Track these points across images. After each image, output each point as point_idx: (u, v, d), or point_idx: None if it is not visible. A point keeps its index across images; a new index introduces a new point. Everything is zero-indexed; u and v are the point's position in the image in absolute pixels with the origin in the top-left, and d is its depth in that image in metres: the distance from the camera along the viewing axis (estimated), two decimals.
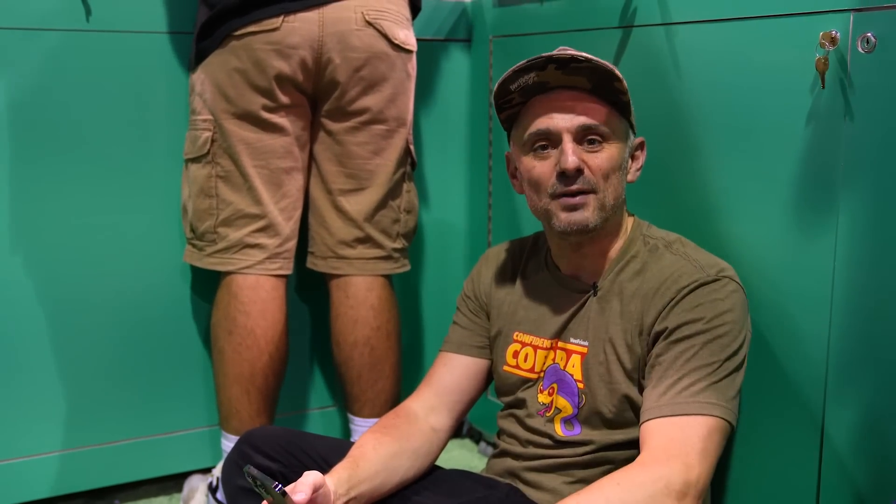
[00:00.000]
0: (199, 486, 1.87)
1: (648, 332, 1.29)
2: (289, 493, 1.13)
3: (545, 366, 1.39)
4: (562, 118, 1.29)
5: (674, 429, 1.20)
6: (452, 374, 1.47)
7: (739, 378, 1.26)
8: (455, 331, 1.50)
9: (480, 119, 2.12)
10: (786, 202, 1.37)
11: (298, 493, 1.13)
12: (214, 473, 1.79)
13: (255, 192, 1.75)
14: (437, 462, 1.46)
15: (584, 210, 1.29)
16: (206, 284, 1.90)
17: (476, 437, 2.26)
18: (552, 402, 1.37)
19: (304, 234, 1.89)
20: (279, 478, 1.32)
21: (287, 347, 1.83)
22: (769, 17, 1.37)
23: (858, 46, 1.24)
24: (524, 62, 1.28)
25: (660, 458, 1.17)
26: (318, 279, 1.94)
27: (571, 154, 1.27)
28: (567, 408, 1.35)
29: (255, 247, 1.77)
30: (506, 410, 1.45)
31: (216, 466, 1.81)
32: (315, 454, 1.38)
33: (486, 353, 1.48)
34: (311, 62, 1.71)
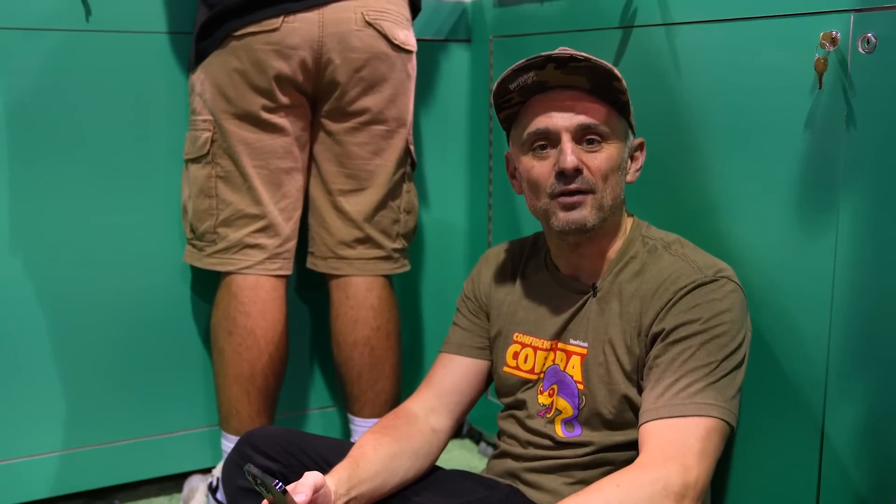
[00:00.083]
0: (199, 487, 1.87)
1: (647, 334, 1.29)
2: (290, 493, 1.13)
3: (545, 367, 1.39)
4: (561, 117, 1.29)
5: (672, 430, 1.20)
6: (452, 375, 1.47)
7: (739, 378, 1.26)
8: (455, 332, 1.50)
9: (480, 119, 2.11)
10: (786, 202, 1.37)
11: (299, 494, 1.13)
12: (214, 474, 1.79)
13: (255, 193, 1.75)
14: (438, 463, 1.46)
15: (582, 209, 1.29)
16: (206, 285, 1.90)
17: (476, 438, 2.26)
18: (552, 404, 1.37)
19: (304, 235, 1.89)
20: (279, 478, 1.32)
21: (287, 348, 1.83)
22: (770, 18, 1.37)
23: (859, 47, 1.24)
24: (523, 61, 1.28)
25: (658, 460, 1.17)
26: (318, 279, 1.94)
27: (570, 154, 1.27)
28: (567, 409, 1.35)
29: (255, 247, 1.77)
30: (506, 411, 1.45)
31: (216, 467, 1.81)
32: (315, 454, 1.38)
33: (486, 354, 1.48)
34: (311, 63, 1.71)
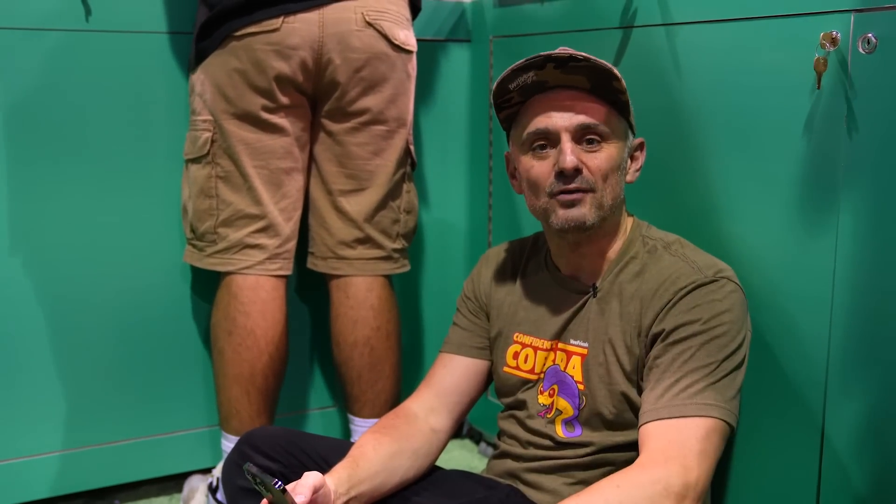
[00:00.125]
0: (200, 487, 1.87)
1: (647, 334, 1.29)
2: (290, 492, 1.13)
3: (545, 367, 1.39)
4: (560, 117, 1.29)
5: (672, 431, 1.19)
6: (452, 376, 1.47)
7: (739, 378, 1.26)
8: (455, 332, 1.50)
9: (480, 119, 2.11)
10: (786, 202, 1.37)
11: (298, 495, 1.13)
12: (214, 474, 1.79)
13: (255, 193, 1.75)
14: (438, 463, 1.46)
15: (582, 206, 1.29)
16: (206, 285, 1.90)
17: (476, 438, 2.26)
18: (553, 404, 1.37)
19: (305, 235, 1.89)
20: (279, 478, 1.32)
21: (287, 348, 1.83)
22: (770, 18, 1.37)
23: (859, 47, 1.24)
24: (523, 61, 1.28)
25: (658, 461, 1.17)
26: (318, 279, 1.94)
27: (570, 154, 1.27)
28: (568, 409, 1.35)
29: (256, 247, 1.77)
30: (506, 412, 1.45)
31: (216, 467, 1.81)
32: (315, 454, 1.38)
33: (486, 355, 1.48)
34: (312, 63, 1.71)
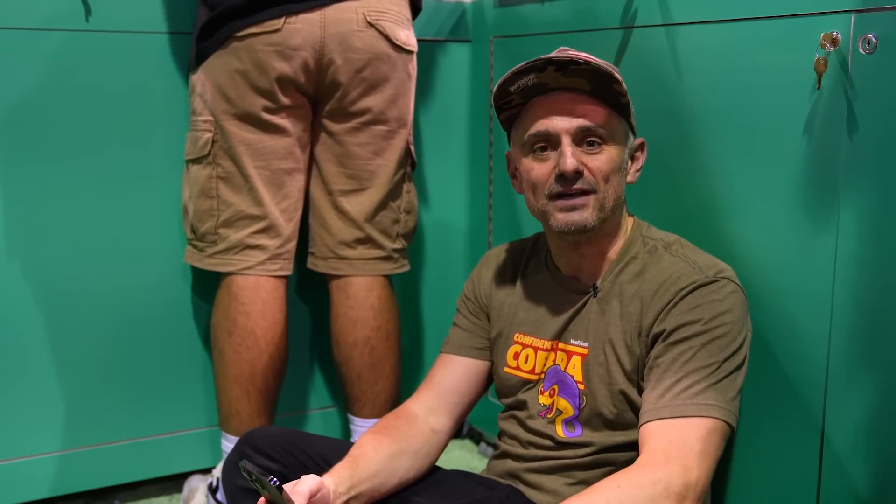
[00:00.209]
0: (200, 487, 1.87)
1: (647, 334, 1.29)
2: (287, 492, 1.13)
3: (546, 367, 1.39)
4: (561, 120, 1.29)
5: (672, 431, 1.20)
6: (452, 376, 1.47)
7: (740, 379, 1.26)
8: (455, 332, 1.50)
9: (481, 119, 2.11)
10: (787, 202, 1.37)
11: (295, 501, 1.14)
12: (214, 474, 1.79)
13: (257, 193, 1.75)
14: (438, 463, 1.46)
15: (583, 210, 1.29)
16: (207, 285, 1.90)
17: (476, 438, 2.26)
18: (553, 404, 1.37)
19: (305, 235, 1.89)
20: (279, 478, 1.32)
21: (287, 348, 1.83)
22: (770, 18, 1.37)
23: (860, 47, 1.24)
24: (523, 64, 1.28)
25: (659, 461, 1.17)
26: (319, 279, 1.94)
27: (570, 157, 1.27)
28: (568, 409, 1.35)
29: (256, 248, 1.77)
30: (506, 412, 1.45)
31: (216, 467, 1.81)
32: (315, 454, 1.38)
33: (486, 355, 1.48)
34: (313, 63, 1.71)
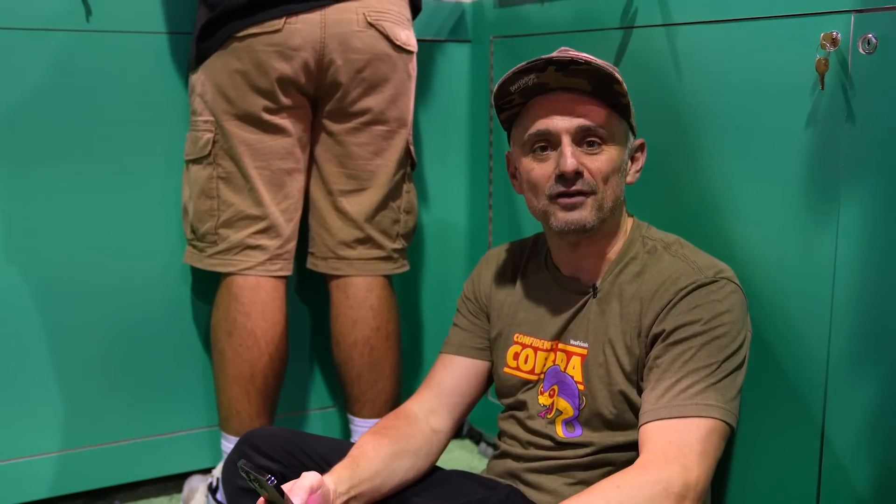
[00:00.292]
0: (199, 487, 1.87)
1: (647, 334, 1.29)
2: (287, 493, 1.12)
3: (545, 367, 1.39)
4: (561, 119, 1.29)
5: (672, 431, 1.19)
6: (452, 376, 1.47)
7: (739, 379, 1.26)
8: (455, 332, 1.50)
9: (481, 119, 2.11)
10: (787, 203, 1.37)
11: (295, 497, 1.13)
12: (214, 474, 1.79)
13: (257, 194, 1.75)
14: (438, 463, 1.46)
15: (582, 210, 1.29)
16: (206, 285, 1.90)
17: (476, 438, 2.26)
18: (553, 404, 1.37)
19: (304, 235, 1.89)
20: (279, 478, 1.32)
21: (287, 348, 1.83)
22: (770, 18, 1.37)
23: (859, 47, 1.24)
24: (524, 64, 1.28)
25: (658, 461, 1.17)
26: (319, 280, 1.94)
27: (570, 157, 1.27)
28: (568, 409, 1.35)
29: (256, 248, 1.77)
30: (506, 412, 1.45)
31: (216, 467, 1.81)
32: (315, 454, 1.38)
33: (486, 355, 1.48)
34: (313, 64, 1.71)
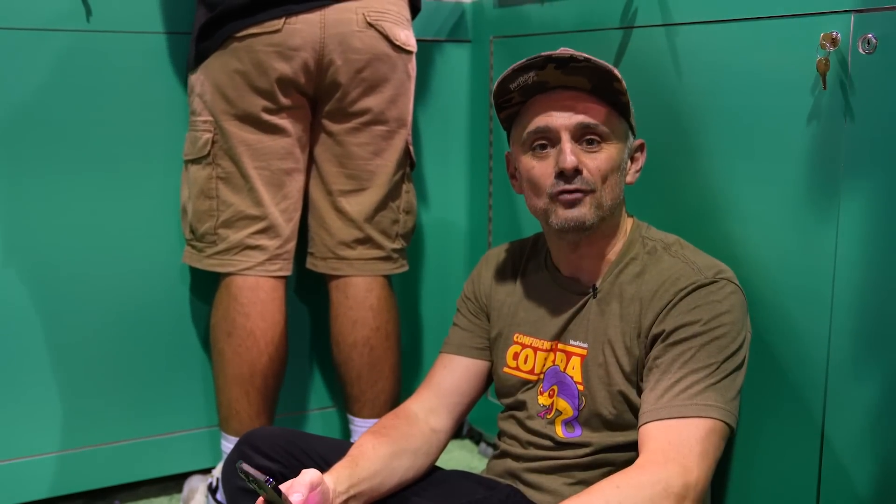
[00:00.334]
0: (199, 487, 1.87)
1: (646, 335, 1.29)
2: (285, 493, 1.12)
3: (545, 367, 1.39)
4: (560, 116, 1.29)
5: (672, 431, 1.19)
6: (452, 376, 1.47)
7: (739, 379, 1.26)
8: (455, 332, 1.50)
9: (481, 119, 2.11)
10: (787, 203, 1.37)
11: (295, 493, 1.13)
12: (214, 474, 1.79)
13: (256, 194, 1.75)
14: (437, 463, 1.46)
15: (582, 207, 1.29)
16: (206, 285, 1.90)
17: (476, 438, 2.26)
18: (553, 404, 1.37)
19: (304, 235, 1.89)
20: (278, 478, 1.32)
21: (286, 348, 1.83)
22: (770, 18, 1.37)
23: (859, 47, 1.24)
24: (524, 61, 1.28)
25: (658, 461, 1.17)
26: (318, 280, 1.94)
27: (570, 154, 1.27)
28: (567, 410, 1.35)
29: (256, 248, 1.77)
30: (506, 412, 1.45)
31: (216, 467, 1.81)
32: (315, 454, 1.38)
33: (486, 355, 1.48)
34: (313, 64, 1.71)
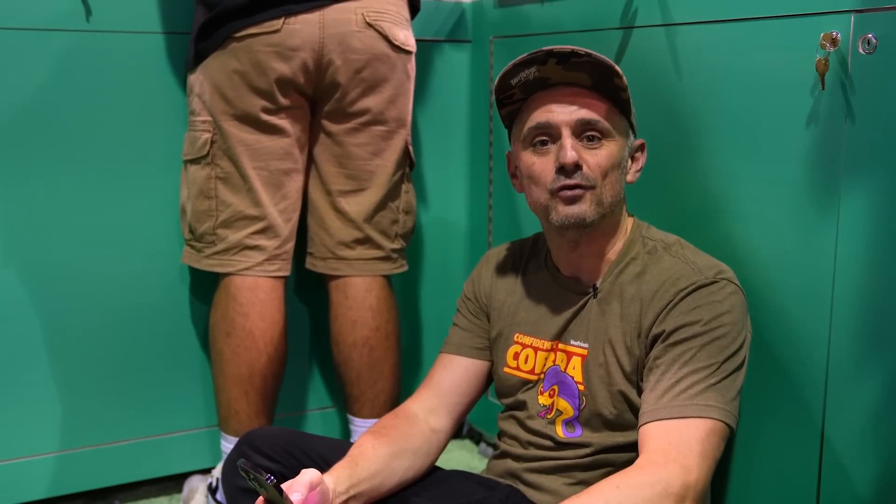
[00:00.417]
0: (199, 487, 1.87)
1: (647, 335, 1.29)
2: (286, 492, 1.12)
3: (545, 367, 1.39)
4: (561, 111, 1.29)
5: (672, 432, 1.19)
6: (452, 376, 1.47)
7: (739, 379, 1.26)
8: (455, 332, 1.50)
9: (481, 119, 2.11)
10: (787, 203, 1.37)
11: (294, 493, 1.13)
12: (214, 474, 1.79)
13: (255, 194, 1.75)
14: (437, 463, 1.46)
15: (582, 203, 1.29)
16: (205, 285, 1.90)
17: (476, 438, 2.26)
18: (553, 404, 1.37)
19: (303, 235, 1.89)
20: (278, 478, 1.32)
21: (286, 348, 1.83)
22: (770, 19, 1.37)
23: (859, 47, 1.24)
24: (525, 55, 1.28)
25: (658, 462, 1.17)
26: (318, 280, 1.94)
27: (570, 149, 1.27)
28: (568, 409, 1.35)
29: (255, 248, 1.77)
30: (506, 412, 1.45)
31: (216, 467, 1.81)
32: (315, 454, 1.38)
33: (486, 355, 1.48)
34: (312, 64, 1.71)
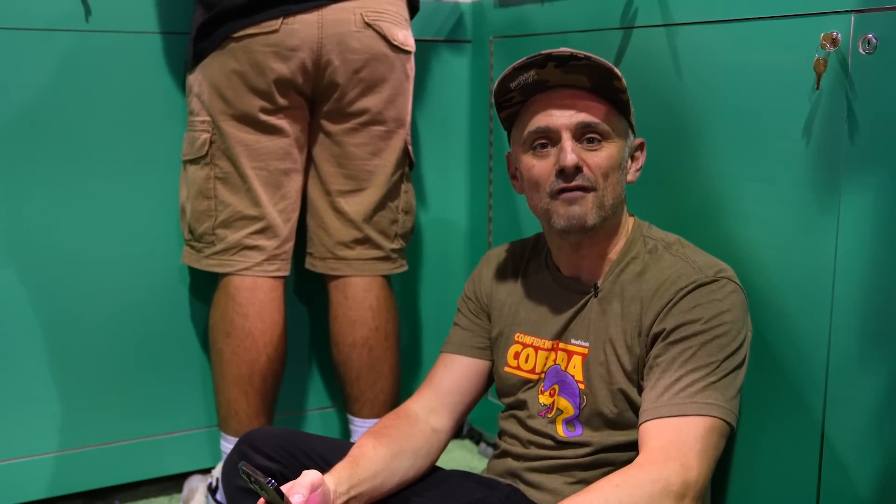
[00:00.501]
0: (199, 487, 1.87)
1: (647, 334, 1.29)
2: (286, 494, 1.12)
3: (546, 367, 1.39)
4: (561, 115, 1.29)
5: (671, 430, 1.20)
6: (453, 376, 1.47)
7: (740, 378, 1.26)
8: (456, 332, 1.50)
9: (481, 119, 2.11)
10: (787, 203, 1.37)
11: (296, 495, 1.13)
12: (214, 474, 1.79)
13: (254, 194, 1.75)
14: (438, 463, 1.46)
15: (583, 205, 1.29)
16: (205, 285, 1.90)
17: (476, 438, 2.26)
18: (553, 403, 1.37)
19: (303, 235, 1.89)
20: (279, 478, 1.32)
21: (285, 349, 1.83)
22: (770, 19, 1.37)
23: (860, 47, 1.24)
24: (524, 59, 1.28)
25: (658, 460, 1.17)
26: (317, 280, 1.94)
27: (570, 152, 1.27)
28: (568, 409, 1.35)
29: (254, 248, 1.77)
30: (507, 412, 1.45)
31: (216, 467, 1.81)
32: (315, 454, 1.38)
33: (487, 355, 1.48)
34: (311, 64, 1.71)
